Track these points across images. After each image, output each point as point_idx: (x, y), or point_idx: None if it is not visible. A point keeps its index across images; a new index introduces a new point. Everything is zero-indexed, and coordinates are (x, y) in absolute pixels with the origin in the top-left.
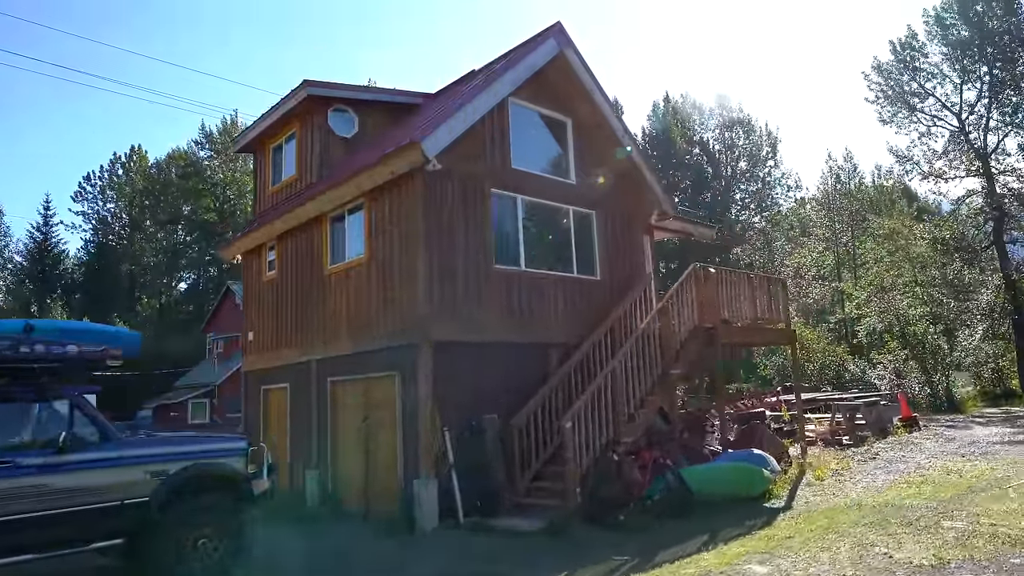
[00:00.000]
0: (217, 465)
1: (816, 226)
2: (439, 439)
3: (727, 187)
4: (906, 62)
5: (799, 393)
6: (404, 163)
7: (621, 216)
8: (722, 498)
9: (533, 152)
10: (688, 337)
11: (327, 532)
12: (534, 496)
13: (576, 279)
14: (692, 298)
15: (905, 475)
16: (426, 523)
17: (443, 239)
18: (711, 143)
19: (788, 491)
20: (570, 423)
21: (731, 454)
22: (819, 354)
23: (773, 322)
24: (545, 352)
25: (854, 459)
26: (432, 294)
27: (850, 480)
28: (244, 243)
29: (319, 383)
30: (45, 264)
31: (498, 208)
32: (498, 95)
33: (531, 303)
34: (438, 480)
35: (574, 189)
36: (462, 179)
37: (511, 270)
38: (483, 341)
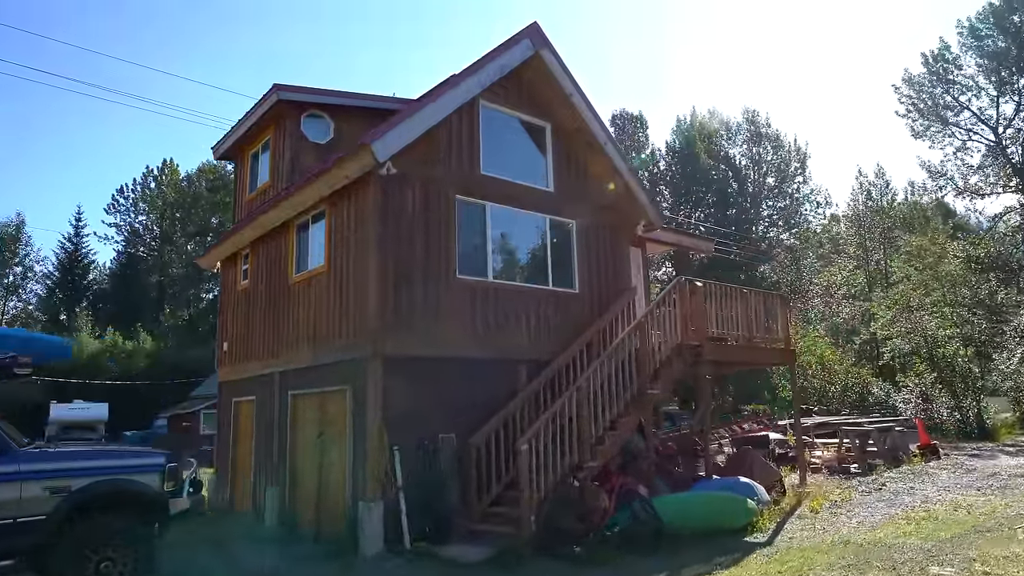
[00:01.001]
0: (127, 482)
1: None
2: (387, 459)
3: (754, 203)
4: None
5: (799, 417)
6: (357, 167)
7: (604, 227)
8: (700, 530)
9: (507, 158)
10: (671, 355)
11: (269, 554)
12: (490, 522)
13: (552, 292)
14: (676, 313)
15: (908, 510)
16: (369, 548)
17: (400, 247)
18: (737, 158)
19: (775, 524)
20: (526, 445)
21: (714, 481)
22: (842, 375)
23: (770, 340)
24: (514, 369)
25: (858, 490)
26: (385, 305)
27: (846, 513)
28: (220, 251)
29: (281, 396)
30: (75, 274)
31: (464, 216)
32: (462, 97)
33: (499, 317)
34: (384, 502)
35: (552, 197)
36: (424, 184)
37: (477, 281)
38: (443, 356)
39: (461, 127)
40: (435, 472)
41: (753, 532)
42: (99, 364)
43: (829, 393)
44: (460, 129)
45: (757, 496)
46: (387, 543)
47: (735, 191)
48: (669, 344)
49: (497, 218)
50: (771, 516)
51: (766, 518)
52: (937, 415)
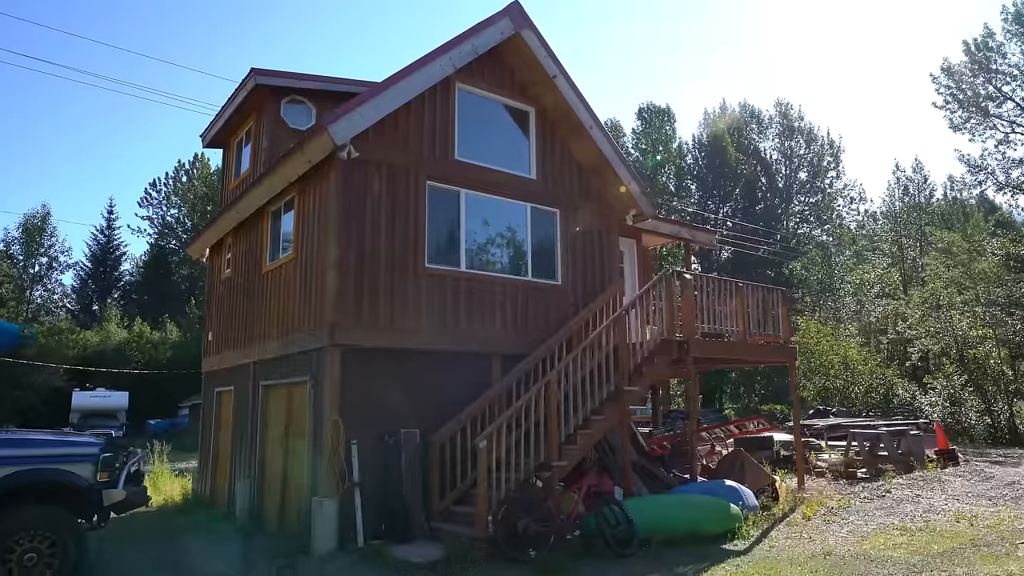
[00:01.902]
0: (54, 472)
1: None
2: (343, 453)
3: (784, 198)
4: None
5: (798, 417)
6: (317, 151)
7: (591, 216)
8: (676, 536)
9: (487, 143)
10: (656, 351)
11: (217, 549)
12: (453, 521)
13: (532, 284)
14: (662, 307)
15: (906, 520)
16: (321, 545)
17: (363, 235)
18: (768, 152)
19: (760, 531)
20: (484, 442)
21: (697, 484)
22: (866, 376)
23: (769, 337)
24: (487, 363)
25: (859, 496)
26: (344, 294)
27: (840, 521)
28: (205, 240)
29: (254, 387)
30: (107, 265)
31: (436, 203)
32: (432, 78)
33: (472, 309)
34: (340, 499)
35: (535, 185)
36: (391, 169)
37: (448, 271)
38: (409, 348)
39: (435, 110)
40: (396, 468)
41: (734, 539)
42: (125, 353)
43: (851, 394)
44: (434, 112)
45: (743, 501)
46: (341, 541)
47: (764, 186)
48: (654, 340)
49: (473, 206)
50: (758, 522)
51: (751, 525)
52: (966, 419)
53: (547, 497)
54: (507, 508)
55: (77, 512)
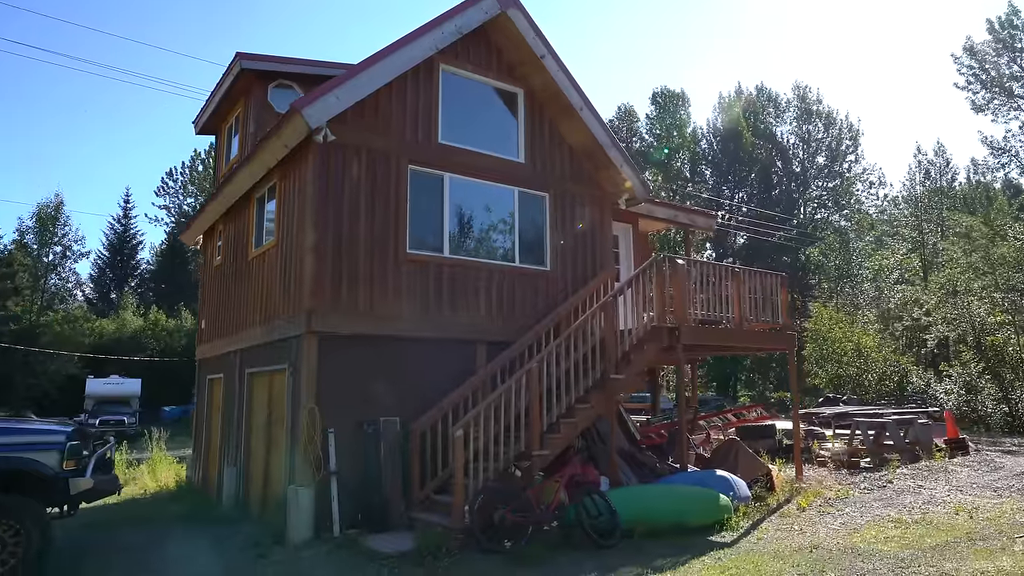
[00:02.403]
0: (18, 460)
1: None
2: (319, 442)
3: (801, 183)
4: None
5: (797, 405)
6: (293, 134)
7: (582, 200)
8: (662, 527)
9: (473, 126)
10: (646, 338)
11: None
12: (432, 511)
13: (519, 270)
14: (651, 294)
15: (904, 511)
16: (296, 534)
17: (341, 220)
18: (785, 136)
19: (751, 523)
20: (461, 431)
21: (686, 474)
22: (879, 363)
23: (767, 324)
24: (472, 350)
25: (859, 487)
26: (321, 280)
27: (834, 513)
28: (196, 227)
29: (240, 375)
30: (124, 254)
31: (418, 187)
32: (413, 59)
33: (455, 295)
34: (316, 488)
35: (523, 168)
36: (370, 153)
37: (431, 257)
38: (389, 335)
39: (418, 92)
40: (375, 457)
41: (722, 531)
42: (141, 341)
43: (865, 382)
44: (416, 94)
45: (734, 491)
46: (317, 530)
47: (781, 171)
48: (643, 327)
49: (457, 191)
50: (749, 514)
51: (742, 516)
52: (982, 407)
53: (526, 487)
54: (484, 498)
55: (43, 500)
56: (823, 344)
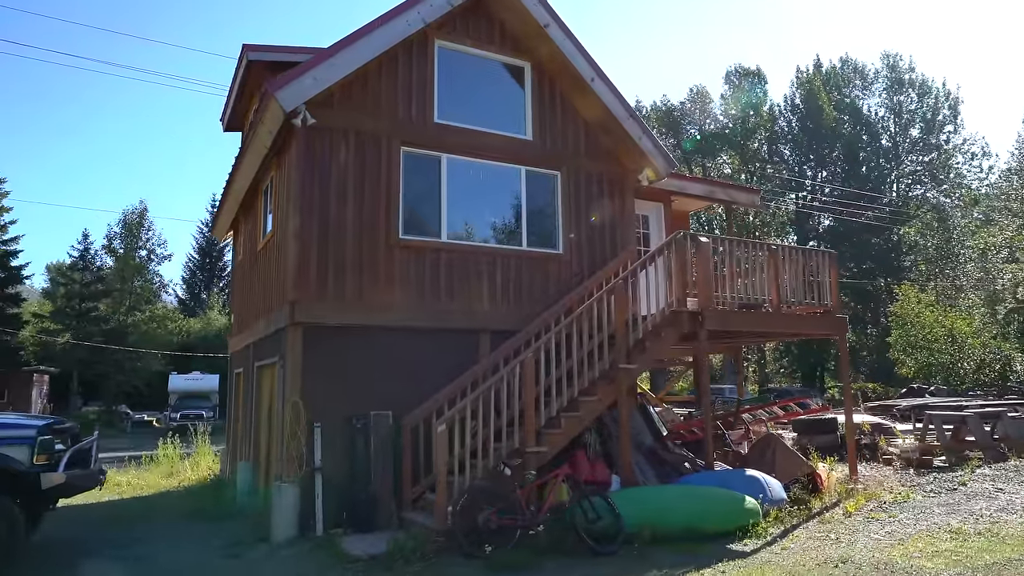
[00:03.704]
0: None
1: (1011, 199)
2: (304, 437)
3: (892, 159)
4: None
5: (848, 394)
6: (272, 120)
7: (599, 178)
8: (677, 532)
9: (474, 104)
10: (664, 324)
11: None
12: (424, 510)
13: (527, 254)
14: (671, 275)
15: (969, 519)
16: (279, 533)
17: (327, 206)
18: (872, 109)
19: (781, 529)
20: (444, 426)
21: (712, 474)
22: (978, 350)
23: (812, 307)
24: (475, 340)
25: (924, 488)
26: (306, 269)
27: (884, 520)
28: (222, 222)
29: (251, 368)
30: (211, 257)
31: (412, 170)
32: (397, 35)
33: (455, 283)
34: (301, 485)
35: (531, 147)
36: (360, 135)
37: (427, 242)
38: (381, 325)
39: (411, 70)
40: (364, 453)
41: (745, 538)
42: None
43: (959, 371)
44: (409, 72)
45: (765, 493)
46: (303, 529)
47: (868, 146)
48: (661, 311)
49: (456, 172)
50: (782, 518)
51: (772, 521)
52: None
53: (517, 487)
54: (469, 498)
55: (12, 496)
56: (911, 330)
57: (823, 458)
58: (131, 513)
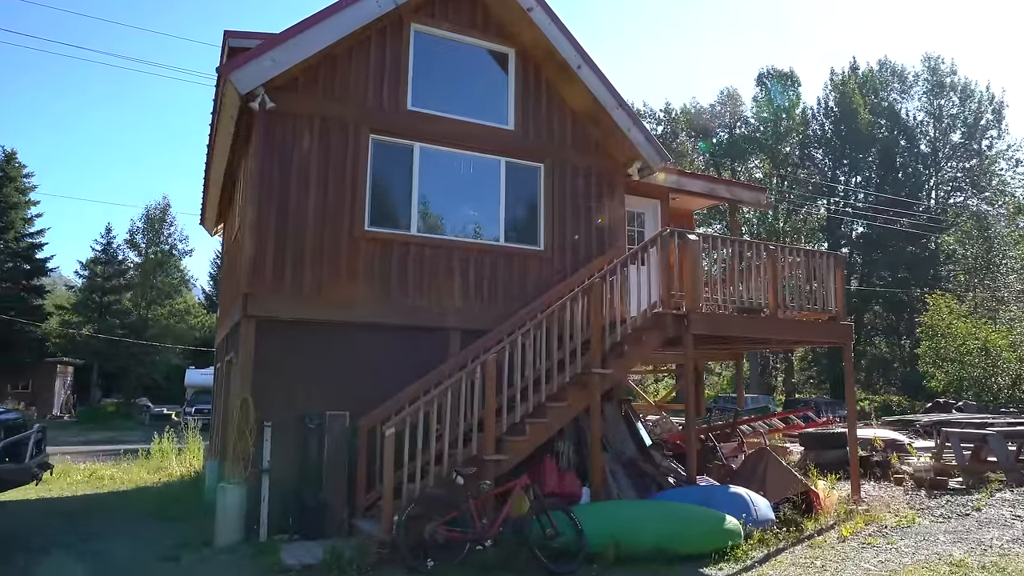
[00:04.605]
0: None
1: None
2: (253, 436)
3: (930, 164)
4: None
5: (852, 407)
6: (231, 103)
7: (586, 171)
8: (644, 552)
9: (452, 91)
10: (646, 327)
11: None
12: (374, 518)
13: (504, 250)
14: (656, 275)
15: (976, 550)
16: (223, 537)
17: (287, 195)
18: (911, 113)
19: (765, 553)
20: (392, 429)
21: (692, 489)
22: (1013, 365)
23: (815, 313)
24: (445, 340)
25: (934, 512)
26: (261, 260)
27: (880, 547)
28: (208, 215)
29: (222, 363)
30: None
31: (380, 159)
32: (364, 17)
33: (425, 277)
34: (247, 487)
35: (512, 137)
36: (325, 122)
37: (395, 235)
38: (343, 320)
39: (383, 54)
40: (316, 455)
41: (721, 562)
42: None
43: (992, 386)
44: (382, 57)
45: (750, 513)
46: (247, 533)
47: (905, 151)
48: (642, 313)
49: (430, 162)
50: (768, 541)
51: (755, 543)
52: None
53: (471, 497)
54: (417, 507)
55: None
56: (942, 341)
57: (825, 475)
58: (96, 508)
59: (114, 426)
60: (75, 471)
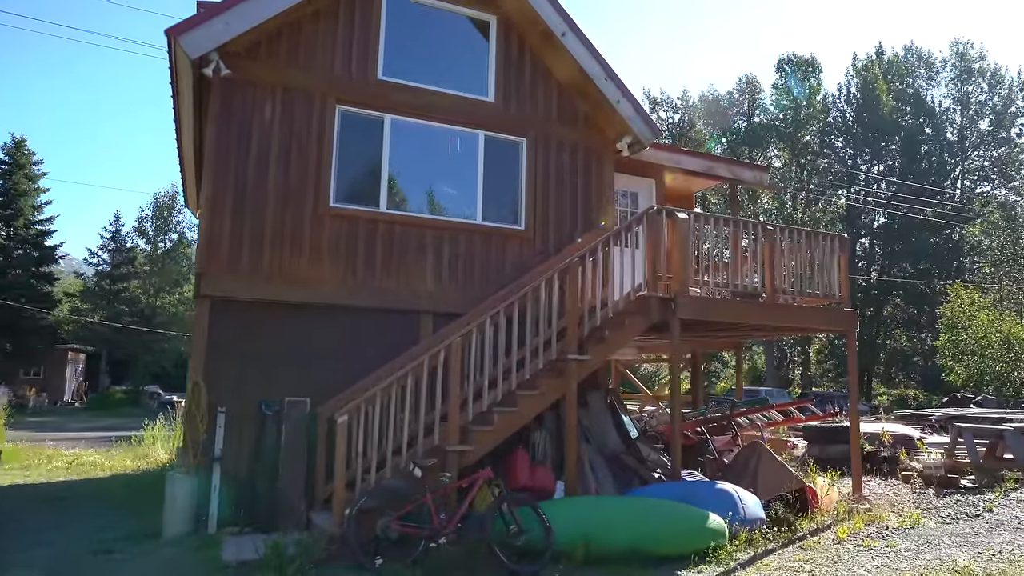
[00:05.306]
0: None
1: None
2: (204, 423)
3: (956, 152)
4: None
5: (855, 399)
6: (184, 70)
7: (572, 146)
8: (618, 552)
9: (429, 61)
10: (629, 311)
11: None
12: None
13: (482, 229)
14: (640, 255)
15: (983, 554)
16: (171, 528)
17: (246, 169)
18: (937, 100)
19: (751, 555)
20: (346, 416)
21: (670, 485)
22: None
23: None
24: (416, 323)
25: (941, 513)
26: (217, 237)
27: (877, 550)
28: (189, 192)
29: None
30: None
31: (348, 131)
32: None
33: (394, 258)
34: (198, 476)
35: (493, 109)
36: (288, 91)
37: (363, 212)
38: (305, 302)
39: (352, 21)
40: (273, 444)
41: (701, 564)
42: None
43: (1015, 380)
44: (350, 23)
45: (737, 511)
46: (196, 525)
47: (930, 139)
48: (625, 295)
49: (402, 135)
50: (756, 542)
51: (742, 544)
52: None
53: (429, 490)
54: (368, 500)
55: None
56: (962, 334)
57: (827, 471)
58: (62, 497)
59: (122, 413)
60: (60, 457)
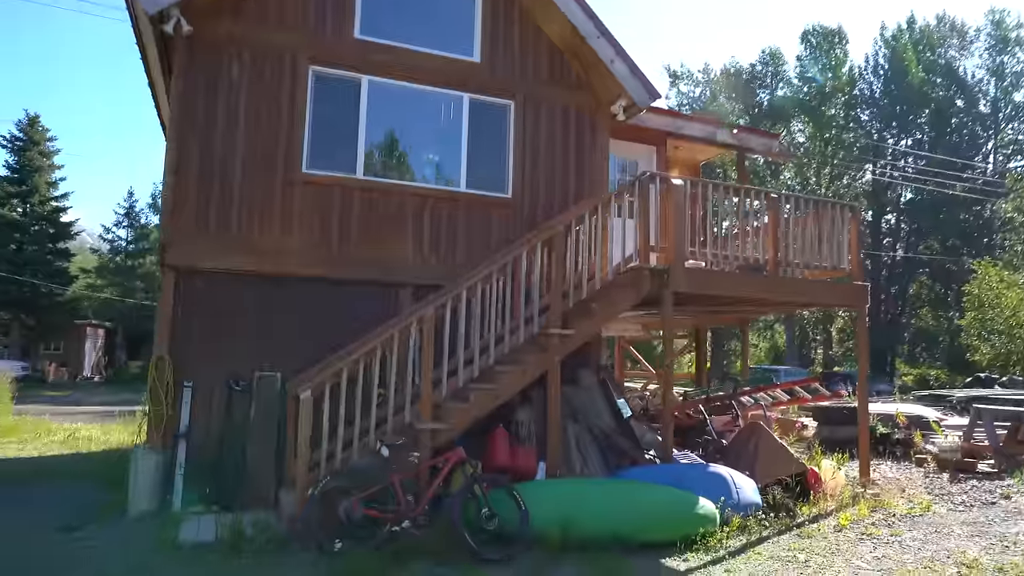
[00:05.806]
0: None
1: None
2: (170, 399)
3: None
4: None
5: (863, 379)
6: (146, 28)
7: (564, 109)
8: (600, 538)
9: (411, 19)
10: (618, 282)
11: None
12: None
13: (465, 197)
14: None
15: (996, 545)
16: (135, 506)
17: (213, 133)
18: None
19: (744, 542)
20: (308, 391)
21: (660, 468)
22: None
23: (826, 272)
24: (394, 296)
25: (955, 499)
26: (181, 205)
27: (881, 538)
28: None
29: None
30: None
31: (324, 93)
32: None
33: (371, 226)
34: (163, 453)
35: (479, 70)
36: (257, 51)
37: (338, 178)
38: (274, 272)
39: None
40: (241, 420)
41: (688, 552)
42: None
43: None
44: None
45: (731, 495)
46: (161, 503)
47: (962, 112)
48: (614, 267)
49: (380, 97)
50: (752, 528)
51: (735, 531)
52: None
53: (398, 471)
54: (332, 480)
55: None
56: (988, 312)
57: (835, 453)
58: (47, 471)
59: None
60: (59, 431)
